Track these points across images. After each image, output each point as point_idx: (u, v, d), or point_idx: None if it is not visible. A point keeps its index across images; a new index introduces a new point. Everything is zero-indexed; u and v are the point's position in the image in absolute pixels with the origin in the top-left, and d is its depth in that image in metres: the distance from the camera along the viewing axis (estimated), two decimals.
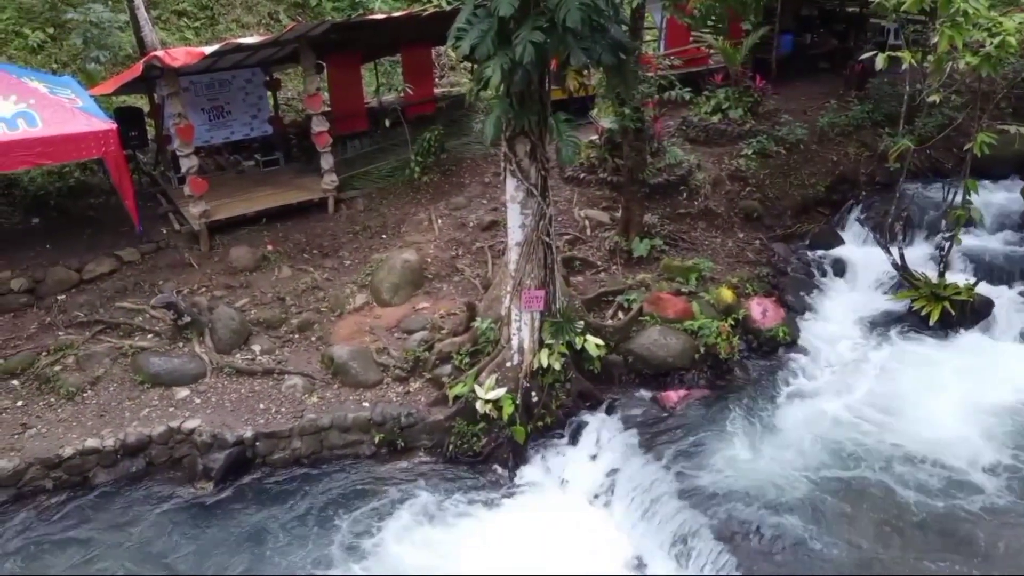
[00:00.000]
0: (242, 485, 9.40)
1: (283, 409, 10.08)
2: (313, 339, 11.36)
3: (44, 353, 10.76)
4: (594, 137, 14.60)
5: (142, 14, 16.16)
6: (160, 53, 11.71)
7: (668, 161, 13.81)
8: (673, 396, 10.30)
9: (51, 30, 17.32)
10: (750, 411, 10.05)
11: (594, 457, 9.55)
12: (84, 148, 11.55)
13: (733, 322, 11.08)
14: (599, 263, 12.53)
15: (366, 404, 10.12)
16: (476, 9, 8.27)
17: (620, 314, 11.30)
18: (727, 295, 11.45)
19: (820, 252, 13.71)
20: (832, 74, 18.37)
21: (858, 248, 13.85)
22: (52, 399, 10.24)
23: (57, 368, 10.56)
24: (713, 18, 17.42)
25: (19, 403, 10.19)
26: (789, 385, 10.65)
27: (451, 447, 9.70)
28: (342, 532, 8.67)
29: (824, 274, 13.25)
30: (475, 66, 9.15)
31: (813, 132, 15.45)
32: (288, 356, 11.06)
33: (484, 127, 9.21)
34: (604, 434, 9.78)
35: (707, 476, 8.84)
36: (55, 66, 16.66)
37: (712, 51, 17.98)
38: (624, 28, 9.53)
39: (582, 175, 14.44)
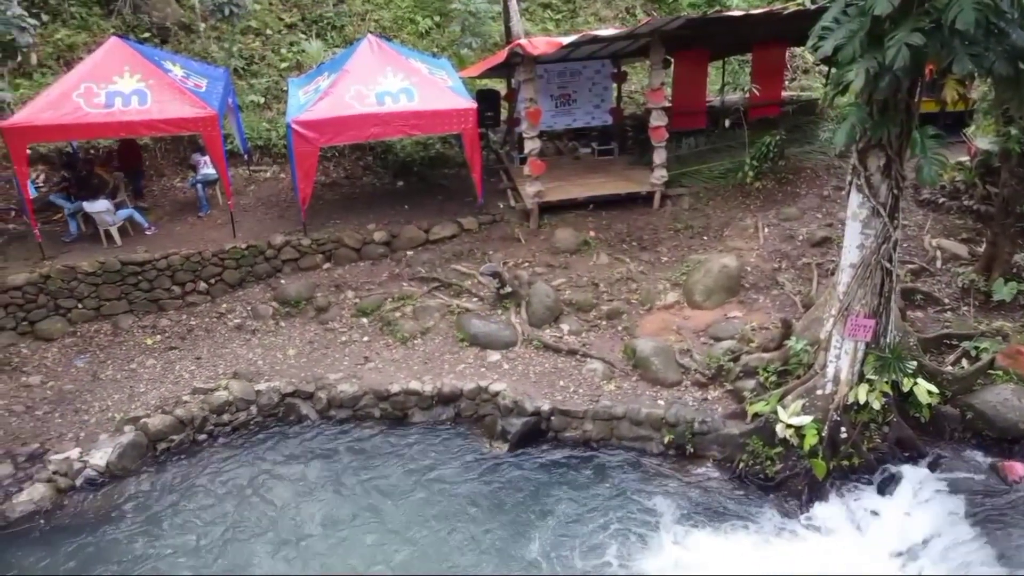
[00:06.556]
0: (532, 453, 9.89)
1: (580, 390, 10.41)
2: (619, 328, 11.55)
3: (389, 300, 12.32)
4: (964, 158, 12.86)
5: (513, 5, 17.64)
6: (523, 42, 12.61)
7: None
8: (1020, 469, 8.76)
9: (437, 18, 19.69)
10: None
11: (907, 514, 8.46)
12: (448, 123, 13.00)
13: None
14: (946, 301, 11.07)
15: (661, 402, 10.06)
16: (847, 7, 7.63)
17: (964, 362, 9.89)
18: None
19: None
20: None
21: None
22: (390, 340, 11.70)
23: (397, 315, 12.05)
24: None
25: (365, 338, 11.81)
26: None
27: (742, 465, 9.25)
28: (616, 524, 8.69)
29: None
30: (832, 69, 8.47)
31: None
32: (593, 340, 11.37)
33: (834, 135, 8.54)
34: (923, 492, 8.64)
35: None
36: (435, 49, 18.86)
37: None
38: None
39: (941, 199, 12.87)
